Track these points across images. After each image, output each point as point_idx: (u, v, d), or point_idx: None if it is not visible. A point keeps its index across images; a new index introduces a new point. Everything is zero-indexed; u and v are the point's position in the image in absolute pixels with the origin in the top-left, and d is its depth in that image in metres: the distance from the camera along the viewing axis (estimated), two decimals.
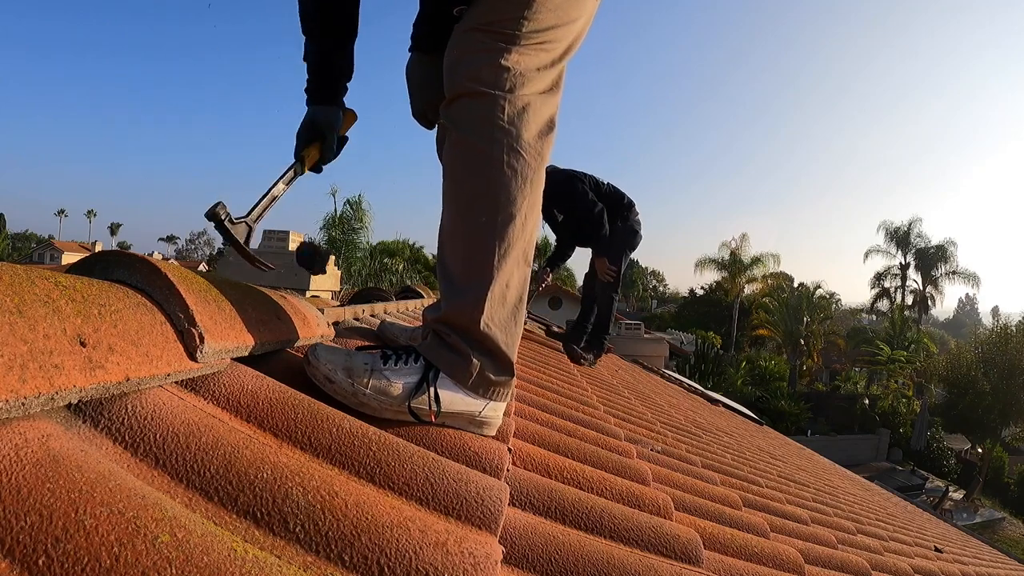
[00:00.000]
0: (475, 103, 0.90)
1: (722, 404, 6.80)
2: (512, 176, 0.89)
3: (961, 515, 15.00)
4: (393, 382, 0.84)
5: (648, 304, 54.23)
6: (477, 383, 0.88)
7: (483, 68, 0.90)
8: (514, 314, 0.92)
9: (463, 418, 0.88)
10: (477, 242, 0.89)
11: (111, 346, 0.55)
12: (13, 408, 0.43)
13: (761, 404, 17.77)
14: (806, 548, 1.49)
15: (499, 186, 0.89)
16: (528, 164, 0.90)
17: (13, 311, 0.47)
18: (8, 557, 0.34)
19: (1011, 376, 18.25)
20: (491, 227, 0.88)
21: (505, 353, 0.90)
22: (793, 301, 27.02)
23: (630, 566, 0.77)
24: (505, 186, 0.89)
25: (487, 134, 0.89)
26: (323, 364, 0.84)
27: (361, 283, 15.01)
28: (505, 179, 0.89)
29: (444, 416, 0.87)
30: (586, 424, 1.59)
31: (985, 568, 3.36)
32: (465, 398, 0.88)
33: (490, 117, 0.89)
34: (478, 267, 0.88)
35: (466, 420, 0.89)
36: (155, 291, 0.66)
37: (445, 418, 0.87)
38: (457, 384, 0.87)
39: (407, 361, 0.88)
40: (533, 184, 0.91)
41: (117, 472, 0.44)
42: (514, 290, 0.92)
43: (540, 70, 0.94)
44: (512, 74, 0.90)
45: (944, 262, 29.02)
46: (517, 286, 0.93)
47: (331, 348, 0.88)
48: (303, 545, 0.49)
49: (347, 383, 0.83)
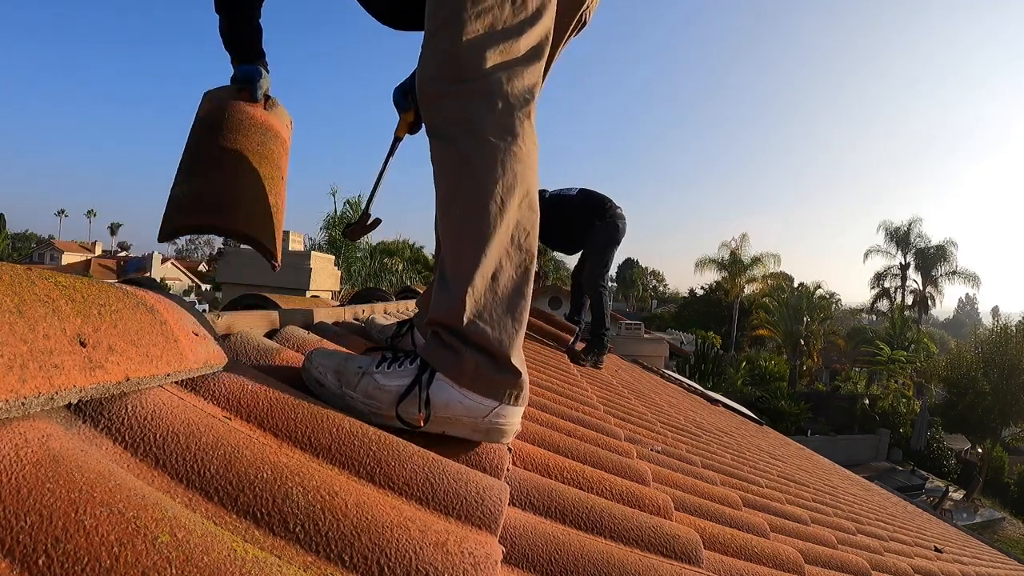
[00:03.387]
0: (433, 108, 0.89)
1: (722, 404, 6.80)
2: (476, 165, 0.85)
3: (961, 515, 15.00)
4: (383, 385, 0.80)
5: (648, 304, 54.24)
6: (477, 382, 0.82)
7: (433, 67, 0.89)
8: (510, 306, 0.85)
9: (464, 424, 0.82)
10: (456, 238, 0.86)
11: (111, 346, 0.55)
12: (13, 408, 0.43)
13: (761, 404, 17.77)
14: (806, 548, 1.49)
15: (463, 177, 0.86)
16: (495, 146, 0.86)
17: (13, 311, 0.47)
18: (8, 557, 0.34)
19: (1011, 376, 18.25)
20: (465, 220, 0.85)
21: (499, 349, 0.83)
22: (793, 301, 27.02)
23: (630, 566, 0.77)
24: (469, 176, 0.85)
25: (445, 134, 0.88)
26: (315, 367, 0.81)
27: (361, 283, 15.00)
28: (469, 170, 0.85)
29: (439, 422, 0.81)
30: (586, 424, 1.59)
31: (985, 568, 3.36)
32: (465, 401, 0.81)
33: (446, 116, 0.87)
34: (460, 262, 0.84)
35: (468, 427, 0.82)
36: None
37: (441, 424, 0.81)
38: (457, 386, 0.81)
39: (403, 363, 0.83)
40: (505, 164, 0.86)
41: (117, 472, 0.44)
42: (506, 280, 0.86)
43: (495, 47, 0.88)
44: (459, 63, 0.87)
45: (944, 262, 29.03)
46: (510, 275, 0.86)
47: (329, 351, 0.85)
48: (303, 545, 0.49)
49: (335, 386, 0.80)
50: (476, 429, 0.82)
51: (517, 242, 0.88)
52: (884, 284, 31.22)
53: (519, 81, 0.89)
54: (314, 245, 15.87)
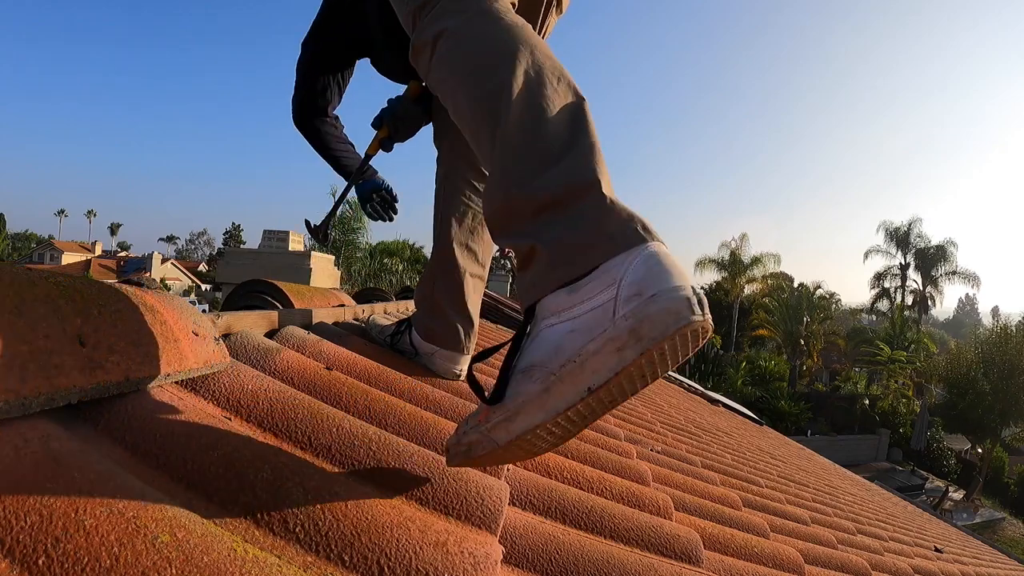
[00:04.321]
0: (416, 47, 0.80)
1: (722, 404, 6.80)
2: (465, 42, 0.75)
3: (961, 515, 15.00)
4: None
5: None
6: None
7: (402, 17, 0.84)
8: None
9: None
10: (493, 120, 0.67)
11: (111, 346, 0.55)
12: (13, 408, 0.43)
13: (761, 404, 17.78)
14: (806, 548, 1.49)
15: (461, 61, 0.74)
16: (474, 17, 0.76)
17: (13, 311, 0.47)
18: (8, 557, 0.34)
19: (1011, 376, 18.27)
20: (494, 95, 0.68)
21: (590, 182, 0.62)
22: (793, 301, 27.03)
23: (630, 566, 0.77)
24: (466, 55, 0.74)
25: (462, 18, 0.76)
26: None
27: (361, 283, 15.01)
28: (461, 51, 0.74)
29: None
30: None
31: (985, 568, 3.36)
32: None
33: (425, 40, 0.78)
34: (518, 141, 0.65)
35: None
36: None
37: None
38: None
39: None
40: (494, 23, 0.75)
41: (117, 472, 0.44)
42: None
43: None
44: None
45: (944, 262, 29.04)
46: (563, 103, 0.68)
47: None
48: (303, 545, 0.49)
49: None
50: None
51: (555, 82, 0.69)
52: (884, 284, 31.24)
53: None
54: (314, 245, 15.89)
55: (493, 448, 0.56)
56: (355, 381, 0.93)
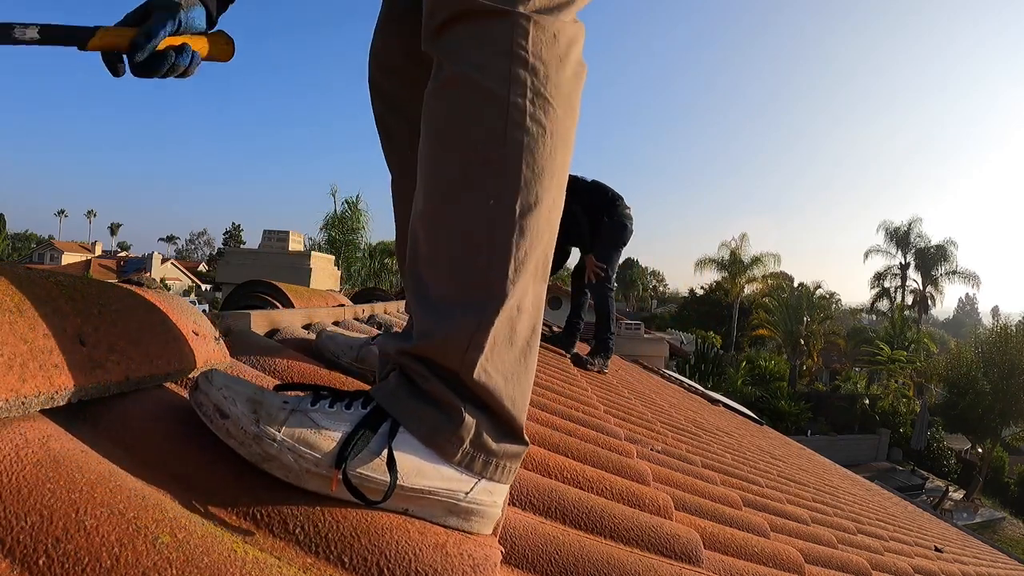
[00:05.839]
0: (482, 28, 0.61)
1: (722, 404, 6.80)
2: (540, 135, 0.60)
3: (961, 515, 15.01)
4: (324, 429, 0.55)
5: (648, 304, 54.23)
6: (468, 453, 0.59)
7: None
8: (524, 354, 0.62)
9: (436, 502, 0.57)
10: (481, 236, 0.59)
11: (111, 346, 0.55)
12: (13, 408, 0.43)
13: (761, 404, 17.78)
14: (806, 548, 1.49)
15: (520, 148, 0.59)
16: (560, 119, 0.62)
17: (13, 311, 0.47)
18: (8, 557, 0.34)
19: (1011, 376, 18.28)
20: (506, 213, 0.59)
21: (510, 411, 0.60)
22: (793, 301, 27.03)
23: (630, 566, 0.77)
24: (529, 149, 0.59)
25: (501, 70, 0.59)
26: (215, 390, 0.55)
27: (361, 283, 15.02)
28: (529, 138, 0.59)
29: (405, 495, 0.56)
30: (586, 424, 1.59)
31: (985, 568, 3.37)
32: (444, 470, 0.58)
33: (506, 46, 0.60)
34: (481, 278, 0.59)
35: (442, 506, 0.58)
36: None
37: (407, 500, 0.56)
38: (433, 449, 0.57)
39: (351, 404, 0.58)
40: (566, 150, 0.63)
41: (117, 472, 0.44)
42: (527, 318, 0.62)
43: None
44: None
45: (944, 262, 29.07)
46: (531, 312, 0.62)
47: (235, 378, 0.58)
48: (303, 546, 0.49)
49: (249, 420, 0.53)
50: (453, 511, 0.58)
51: (545, 266, 0.65)
52: (884, 284, 31.27)
53: (578, 42, 0.65)
54: (314, 245, 15.91)
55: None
56: (355, 381, 0.93)
